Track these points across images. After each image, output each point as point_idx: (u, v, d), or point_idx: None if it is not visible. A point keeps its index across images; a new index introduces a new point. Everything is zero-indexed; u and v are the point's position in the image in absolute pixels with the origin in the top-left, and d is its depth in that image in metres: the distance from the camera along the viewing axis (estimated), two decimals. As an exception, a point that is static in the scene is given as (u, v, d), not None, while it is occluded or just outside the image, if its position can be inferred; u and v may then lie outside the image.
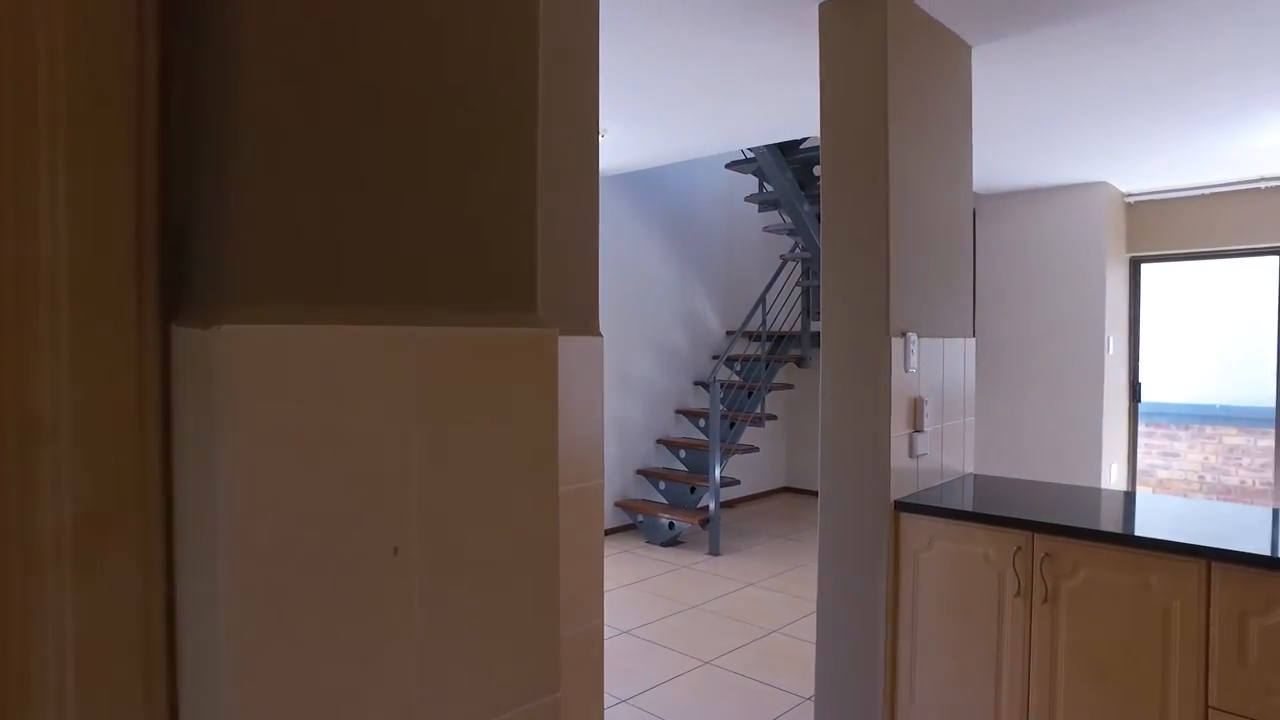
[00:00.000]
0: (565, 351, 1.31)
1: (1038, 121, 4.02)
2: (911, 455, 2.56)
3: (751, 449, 6.22)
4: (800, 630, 3.98)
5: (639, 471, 6.21)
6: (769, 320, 6.50)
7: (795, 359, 6.42)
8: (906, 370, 2.51)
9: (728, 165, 6.21)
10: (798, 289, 6.60)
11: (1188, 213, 5.71)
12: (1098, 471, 5.63)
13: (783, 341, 6.46)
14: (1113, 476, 5.86)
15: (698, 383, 6.71)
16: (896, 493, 2.49)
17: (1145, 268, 6.08)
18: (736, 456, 6.08)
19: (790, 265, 6.62)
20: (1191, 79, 3.29)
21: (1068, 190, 5.73)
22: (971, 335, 2.96)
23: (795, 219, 5.84)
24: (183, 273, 0.55)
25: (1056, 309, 5.83)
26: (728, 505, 6.75)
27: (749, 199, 6.50)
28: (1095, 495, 2.76)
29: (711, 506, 5.50)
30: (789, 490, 7.57)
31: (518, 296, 0.66)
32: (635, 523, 6.01)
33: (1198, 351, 6.18)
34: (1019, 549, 2.24)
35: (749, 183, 6.72)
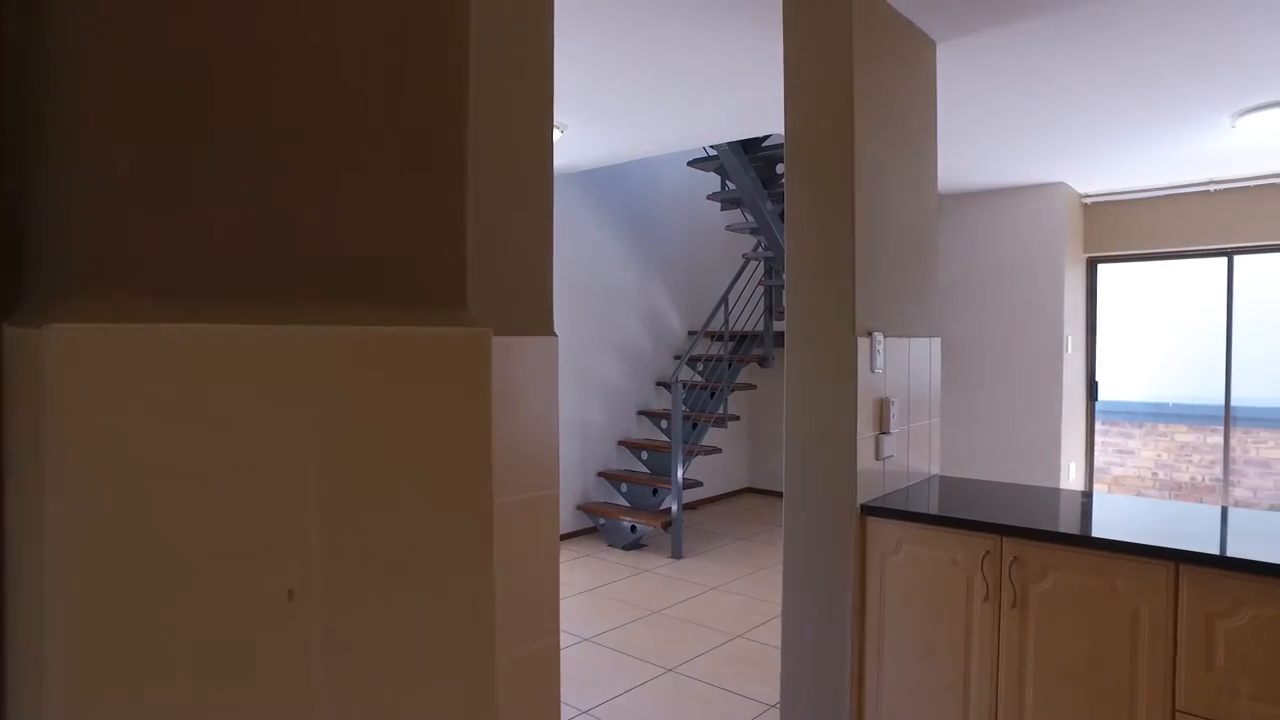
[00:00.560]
0: (518, 353, 1.22)
1: (998, 122, 4.02)
2: (878, 457, 2.50)
3: (714, 450, 6.16)
4: (764, 635, 3.92)
5: (600, 474, 6.11)
6: (731, 320, 6.45)
7: (758, 359, 6.38)
8: (873, 370, 2.45)
9: (690, 163, 6.15)
10: (760, 288, 6.57)
11: (1142, 214, 5.79)
12: (1056, 470, 5.67)
13: (745, 341, 6.42)
14: (1071, 475, 5.92)
15: (660, 383, 6.63)
16: (863, 496, 2.43)
17: (1102, 268, 6.16)
18: (699, 458, 6.02)
19: (753, 264, 6.58)
20: (1144, 80, 3.31)
21: (1027, 191, 5.77)
22: (937, 334, 2.93)
23: (758, 217, 5.79)
24: (21, 264, 0.45)
25: (1016, 309, 5.87)
26: (690, 507, 6.68)
27: (711, 197, 6.44)
28: (1063, 497, 2.74)
29: (674, 508, 5.43)
30: (752, 491, 7.53)
31: (442, 293, 0.56)
32: (597, 526, 5.91)
33: (1151, 350, 6.28)
34: (988, 553, 2.20)
35: (711, 181, 6.66)
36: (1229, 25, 2.74)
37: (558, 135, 4.25)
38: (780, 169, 5.50)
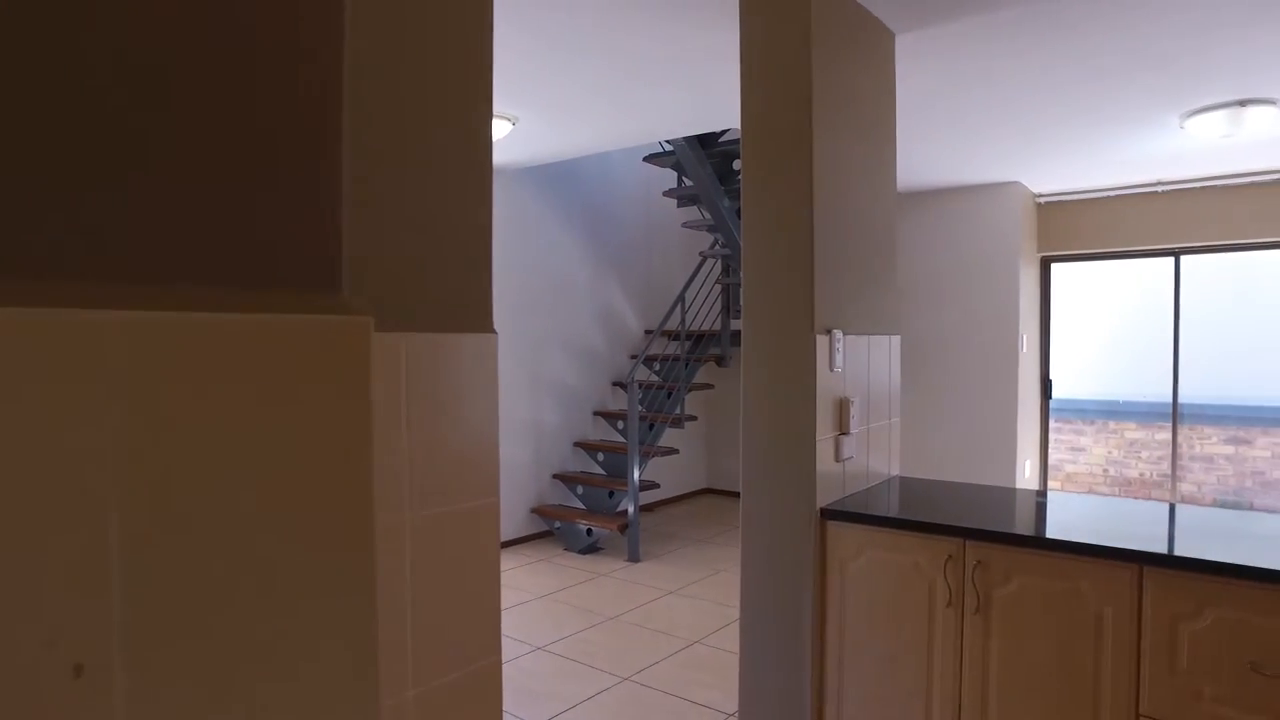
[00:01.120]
0: (453, 351, 1.11)
1: (953, 120, 3.99)
2: (838, 459, 2.42)
3: (671, 451, 6.06)
4: (722, 640, 3.84)
5: (555, 476, 5.98)
6: (688, 319, 6.36)
7: (715, 358, 6.30)
8: (832, 369, 2.38)
9: (645, 158, 6.05)
10: (718, 286, 6.49)
11: (1093, 214, 5.86)
12: (1013, 468, 5.70)
13: (702, 340, 6.34)
14: (1026, 472, 5.96)
15: (616, 383, 6.52)
16: (823, 499, 2.35)
17: (1054, 267, 6.22)
18: (656, 459, 5.92)
19: (710, 262, 6.50)
20: (1097, 79, 3.31)
21: (982, 190, 5.80)
22: (897, 332, 2.87)
23: (715, 214, 5.71)
24: None
25: (971, 308, 5.89)
26: (647, 509, 6.58)
27: (667, 194, 6.34)
28: (1024, 498, 2.70)
29: (630, 511, 5.32)
30: (710, 491, 7.46)
31: (306, 273, 0.44)
32: (552, 529, 5.78)
33: (1102, 348, 6.36)
34: (950, 557, 2.13)
35: (668, 177, 6.56)
36: (1178, 26, 2.74)
37: (509, 128, 4.12)
38: (737, 165, 5.43)
